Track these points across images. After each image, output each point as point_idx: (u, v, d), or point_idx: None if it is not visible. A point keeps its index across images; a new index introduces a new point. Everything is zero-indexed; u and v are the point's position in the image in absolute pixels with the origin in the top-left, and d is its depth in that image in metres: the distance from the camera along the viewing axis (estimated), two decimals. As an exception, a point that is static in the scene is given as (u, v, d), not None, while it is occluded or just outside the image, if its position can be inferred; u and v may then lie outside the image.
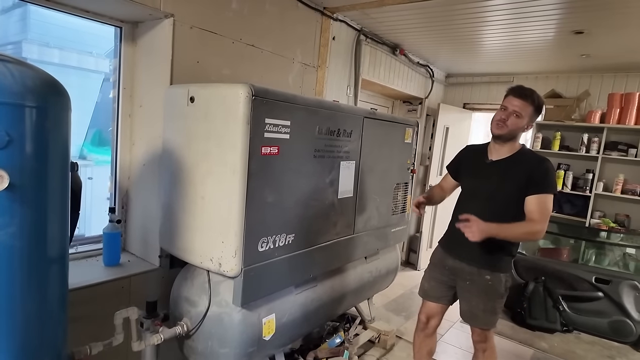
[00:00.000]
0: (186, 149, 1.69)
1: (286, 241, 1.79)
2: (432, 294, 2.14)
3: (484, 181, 1.97)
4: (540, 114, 1.90)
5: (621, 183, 3.83)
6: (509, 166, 1.89)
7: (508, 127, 1.85)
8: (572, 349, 3.11)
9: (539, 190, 1.80)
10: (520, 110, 1.83)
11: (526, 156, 1.90)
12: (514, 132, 1.87)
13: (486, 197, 1.94)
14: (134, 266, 2.07)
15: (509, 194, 1.86)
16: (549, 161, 1.88)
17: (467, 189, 2.08)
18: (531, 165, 1.84)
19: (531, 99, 1.84)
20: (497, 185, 1.90)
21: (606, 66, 3.87)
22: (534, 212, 1.79)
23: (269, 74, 2.53)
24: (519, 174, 1.85)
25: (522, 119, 1.84)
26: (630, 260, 3.68)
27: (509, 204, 1.86)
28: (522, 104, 1.83)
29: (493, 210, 1.89)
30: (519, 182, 1.83)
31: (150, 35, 2.06)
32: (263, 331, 1.76)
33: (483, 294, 1.94)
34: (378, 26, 3.29)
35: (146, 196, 2.13)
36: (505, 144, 1.92)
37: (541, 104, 1.88)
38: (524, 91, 1.86)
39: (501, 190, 1.89)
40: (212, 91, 1.61)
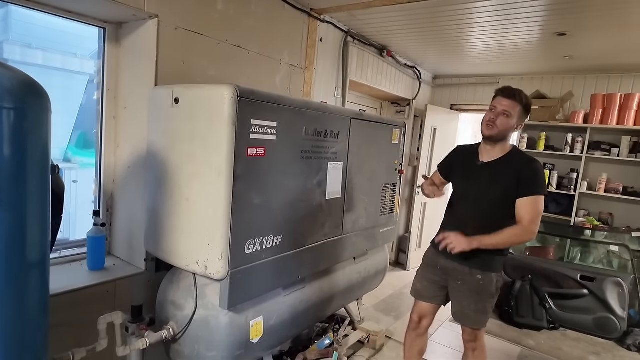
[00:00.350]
0: (171, 151, 1.68)
1: (274, 243, 1.78)
2: (425, 294, 2.14)
3: (475, 183, 1.97)
4: (528, 113, 1.92)
5: (604, 182, 3.91)
6: (499, 168, 1.91)
7: (498, 128, 1.87)
8: (559, 345, 3.15)
9: (529, 191, 1.81)
10: (509, 109, 1.85)
11: (516, 157, 1.91)
12: (504, 132, 1.89)
13: (477, 199, 1.95)
14: (119, 270, 2.04)
15: (500, 196, 1.87)
16: (539, 162, 1.89)
17: (459, 191, 2.08)
18: (521, 167, 1.86)
19: (519, 99, 1.86)
20: (488, 187, 1.91)
21: (589, 67, 3.94)
22: (525, 215, 1.81)
23: (256, 75, 2.52)
24: (509, 176, 1.86)
25: (512, 118, 1.86)
26: (613, 258, 3.75)
27: (499, 205, 1.88)
28: (510, 104, 1.85)
29: (484, 211, 1.91)
30: (509, 183, 1.85)
31: (134, 36, 2.04)
32: (251, 334, 1.75)
33: (474, 294, 1.95)
34: (365, 28, 3.30)
35: (131, 199, 2.10)
36: (496, 145, 1.93)
37: (529, 103, 1.90)
38: (512, 91, 1.88)
39: (492, 192, 1.90)
40: (196, 92, 1.59)
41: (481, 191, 1.93)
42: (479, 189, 1.94)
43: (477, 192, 1.95)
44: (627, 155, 3.79)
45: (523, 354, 2.99)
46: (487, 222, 1.88)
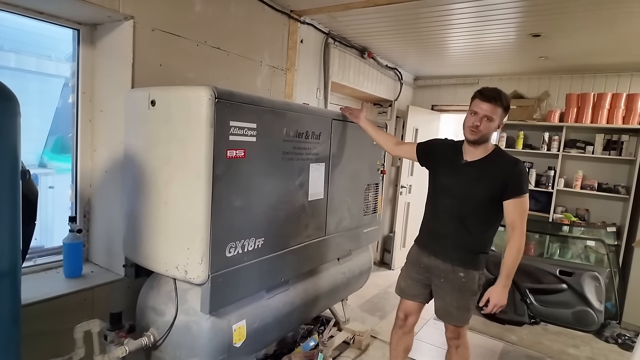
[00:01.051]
0: (148, 154, 1.65)
1: (255, 245, 1.76)
2: (409, 292, 2.15)
3: (459, 181, 1.97)
4: (508, 112, 1.94)
5: (580, 179, 4.02)
6: (483, 168, 1.92)
7: (481, 132, 1.87)
8: (540, 340, 3.22)
9: (516, 193, 1.84)
10: (490, 113, 1.84)
11: (500, 158, 1.93)
12: (487, 135, 1.91)
13: (461, 197, 1.95)
14: (97, 277, 2.00)
15: (483, 195, 1.89)
16: (522, 162, 1.92)
17: (441, 188, 2.06)
18: (506, 168, 1.88)
19: (500, 101, 1.86)
20: (472, 186, 1.92)
21: (563, 68, 4.06)
22: (516, 219, 1.85)
23: (236, 76, 2.50)
24: (493, 177, 1.88)
25: (494, 121, 1.86)
26: (590, 253, 3.86)
27: (481, 203, 1.90)
28: (491, 108, 1.84)
29: (466, 209, 1.93)
30: (493, 184, 1.87)
31: (110, 37, 2.00)
32: (234, 338, 1.73)
33: (457, 292, 1.97)
34: (346, 29, 3.32)
35: (109, 204, 2.05)
36: (479, 146, 1.94)
37: (508, 102, 1.92)
38: (491, 94, 1.86)
39: (476, 191, 1.91)
40: (173, 94, 1.57)
41: (465, 189, 1.94)
42: (463, 187, 1.95)
43: (460, 190, 1.96)
44: (601, 153, 3.91)
45: (506, 350, 3.04)
46: (469, 220, 1.92)
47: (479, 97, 1.88)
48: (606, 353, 3.08)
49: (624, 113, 3.75)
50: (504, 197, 1.85)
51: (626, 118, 3.74)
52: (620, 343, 3.18)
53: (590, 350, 3.10)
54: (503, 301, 1.88)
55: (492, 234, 1.99)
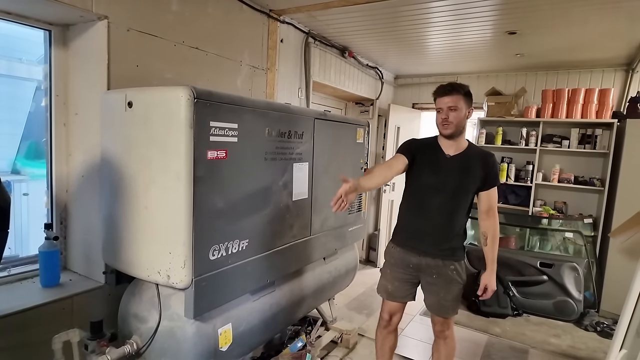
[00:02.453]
0: (126, 157, 1.60)
1: (240, 247, 1.74)
2: (398, 294, 2.12)
3: (448, 177, 1.97)
4: (471, 97, 1.97)
5: (557, 173, 4.13)
6: (466, 161, 1.99)
7: (454, 123, 1.92)
8: (522, 331, 3.29)
9: (493, 184, 2.00)
10: (453, 103, 1.91)
11: (476, 150, 2.04)
12: (459, 126, 1.95)
13: (451, 192, 1.97)
14: (76, 285, 1.94)
15: (470, 188, 1.99)
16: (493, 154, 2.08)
17: (429, 186, 2.02)
18: (484, 161, 1.99)
19: (456, 90, 1.93)
20: (460, 180, 1.98)
21: (538, 64, 4.16)
22: (493, 205, 2.00)
23: (216, 77, 2.47)
24: (476, 169, 1.97)
25: (460, 110, 1.92)
26: (569, 244, 3.96)
27: (467, 196, 2.01)
28: (451, 98, 1.92)
29: (456, 203, 2.00)
30: (476, 176, 1.97)
31: (83, 38, 1.94)
32: (219, 342, 1.70)
33: (450, 284, 2.02)
34: (326, 29, 3.32)
35: (87, 210, 1.99)
36: (457, 139, 1.99)
37: (466, 89, 1.96)
38: (445, 87, 1.96)
39: (464, 185, 1.99)
40: (151, 95, 1.54)
41: (455, 184, 1.97)
42: (453, 182, 1.97)
43: (451, 185, 1.97)
44: (577, 147, 4.03)
45: (490, 342, 3.09)
46: (457, 213, 2.01)
47: (437, 94, 1.99)
48: (586, 341, 3.17)
49: (597, 108, 3.87)
50: (483, 187, 1.99)
51: (599, 112, 3.86)
52: (599, 331, 3.28)
53: (570, 339, 3.19)
54: (495, 285, 2.06)
55: (465, 224, 2.10)
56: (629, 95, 3.87)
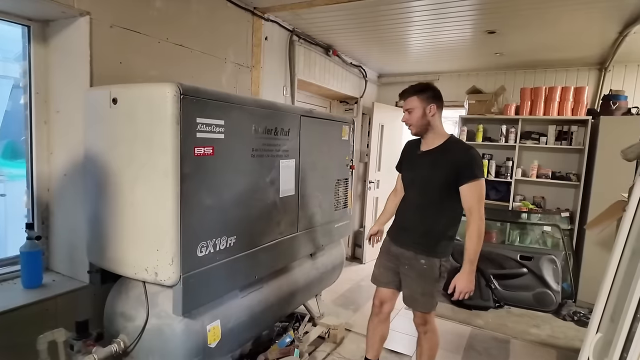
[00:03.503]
0: (111, 154, 1.59)
1: (227, 244, 1.74)
2: (381, 280, 2.23)
3: (417, 171, 2.11)
4: (428, 94, 2.00)
5: (536, 168, 4.25)
6: (437, 155, 2.03)
7: (413, 124, 2.03)
8: (504, 322, 3.39)
9: (470, 177, 1.90)
10: (408, 106, 2.02)
11: (453, 145, 2.03)
12: (420, 124, 2.02)
13: (419, 186, 2.08)
14: (59, 286, 1.90)
15: (438, 182, 1.99)
16: (475, 149, 2.01)
17: (405, 180, 2.20)
18: (458, 155, 1.97)
19: (410, 92, 2.02)
20: (428, 174, 2.03)
21: (517, 63, 4.28)
22: (472, 203, 1.90)
23: (200, 74, 2.45)
24: (446, 163, 1.97)
25: (415, 110, 2.00)
26: (547, 237, 4.10)
27: (438, 190, 2.00)
28: (407, 101, 2.03)
29: (426, 196, 2.04)
30: (446, 170, 1.96)
31: (64, 34, 1.91)
32: (208, 339, 1.70)
33: (420, 278, 2.05)
34: (310, 27, 3.34)
35: (70, 208, 1.96)
36: (427, 135, 2.06)
37: (420, 88, 2.02)
38: (404, 91, 2.06)
39: (431, 179, 2.02)
40: (136, 91, 1.53)
41: (423, 178, 2.06)
42: (421, 176, 2.07)
43: (420, 180, 2.08)
44: (554, 143, 4.16)
45: (473, 333, 3.17)
46: (428, 208, 2.04)
47: (400, 99, 2.09)
48: (564, 330, 3.28)
49: (573, 105, 4.00)
50: (459, 182, 1.92)
51: (575, 110, 3.99)
52: (576, 320, 3.40)
53: (550, 329, 3.30)
54: (469, 287, 1.91)
55: (452, 222, 2.05)
56: (602, 93, 4.03)
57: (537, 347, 3.00)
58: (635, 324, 1.17)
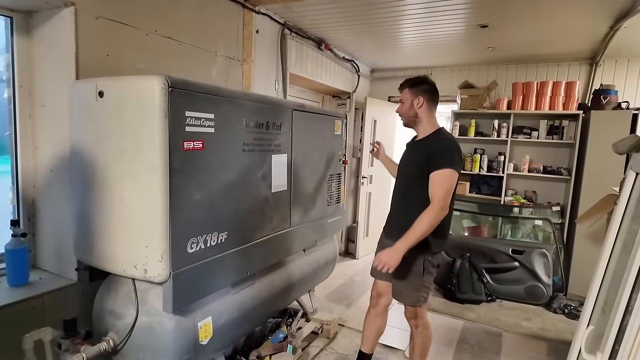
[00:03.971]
0: (98, 149, 1.55)
1: (218, 240, 1.72)
2: (376, 272, 2.18)
3: (403, 163, 2.19)
4: (418, 87, 2.06)
5: (527, 163, 4.28)
6: (417, 147, 2.09)
7: (401, 114, 2.13)
8: (496, 316, 3.41)
9: (437, 166, 1.87)
10: (401, 98, 2.12)
11: (435, 137, 2.04)
12: (407, 115, 2.09)
13: (402, 178, 2.16)
14: (47, 283, 1.86)
15: (413, 173, 2.02)
16: (453, 141, 1.99)
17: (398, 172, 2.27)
18: (432, 145, 1.99)
19: (404, 84, 2.11)
20: (408, 165, 2.10)
21: (509, 58, 4.29)
22: (435, 192, 1.87)
23: (190, 67, 2.41)
24: (421, 154, 2.00)
25: (405, 102, 2.09)
26: (538, 231, 4.13)
27: (415, 182, 1.99)
28: (402, 94, 2.12)
29: (405, 189, 2.10)
30: (421, 160, 1.97)
31: (48, 26, 1.85)
32: (200, 335, 1.68)
33: (403, 271, 2.03)
34: (302, 20, 3.30)
35: (57, 205, 1.92)
36: (416, 129, 2.12)
37: (414, 81, 2.09)
38: (400, 84, 2.15)
39: (410, 170, 2.06)
40: (123, 84, 1.49)
41: (403, 169, 2.15)
42: (403, 167, 2.16)
43: (402, 171, 2.17)
44: (545, 137, 4.18)
45: (466, 327, 3.19)
46: (408, 199, 2.06)
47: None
48: (555, 323, 3.32)
49: (564, 100, 4.02)
50: (428, 171, 1.90)
51: (566, 104, 4.02)
52: (566, 313, 3.44)
53: (541, 322, 3.33)
54: (391, 263, 1.84)
55: None
56: (593, 88, 4.05)
57: (529, 340, 3.03)
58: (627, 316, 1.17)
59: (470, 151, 4.64)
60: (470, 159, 4.55)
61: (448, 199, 1.88)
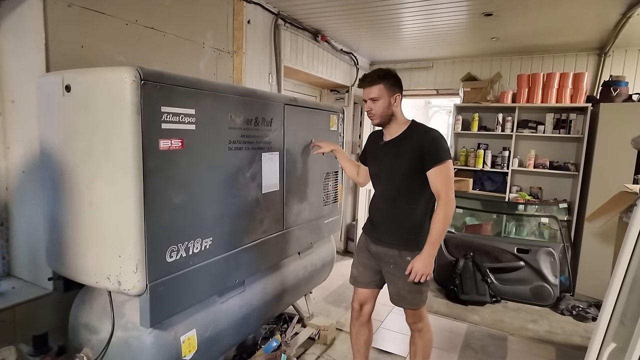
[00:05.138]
0: (66, 148, 1.41)
1: (202, 247, 1.58)
2: (361, 280, 2.11)
3: (381, 163, 2.00)
4: (396, 81, 1.88)
5: (533, 158, 4.12)
6: (399, 144, 1.92)
7: (376, 114, 1.89)
8: (501, 318, 3.28)
9: (435, 161, 1.79)
10: (373, 95, 1.86)
11: (415, 130, 1.91)
12: (384, 114, 1.89)
13: (386, 178, 1.97)
14: (19, 293, 1.73)
15: (404, 170, 1.87)
16: (437, 130, 1.90)
17: (372, 173, 2.10)
18: (420, 139, 1.85)
19: (374, 79, 1.85)
20: (392, 164, 1.92)
21: (514, 49, 4.11)
22: (440, 187, 1.80)
23: (175, 60, 2.26)
24: (409, 150, 1.86)
25: (380, 99, 1.85)
26: (544, 229, 3.98)
27: (405, 181, 1.89)
28: (372, 89, 1.86)
29: (395, 187, 1.93)
30: (410, 157, 1.85)
31: (16, 15, 1.71)
32: (183, 350, 1.55)
33: (407, 276, 1.90)
34: (296, 10, 3.14)
35: (30, 209, 1.78)
36: (389, 125, 1.94)
37: (389, 75, 1.86)
38: (367, 78, 1.87)
39: (397, 169, 1.90)
40: (91, 77, 1.34)
41: (388, 168, 1.95)
42: (386, 168, 1.97)
43: (385, 171, 1.98)
44: (552, 132, 4.02)
45: (469, 331, 3.06)
46: (399, 199, 1.92)
47: (360, 86, 1.93)
48: (562, 325, 3.18)
49: (572, 92, 3.86)
50: (424, 167, 1.82)
51: (573, 97, 3.85)
52: (574, 315, 3.30)
53: (548, 324, 3.19)
54: (426, 269, 1.81)
55: (428, 211, 1.92)
56: (602, 79, 3.89)
57: (535, 344, 2.90)
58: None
59: (474, 146, 4.48)
60: (473, 154, 4.39)
61: (453, 190, 1.82)
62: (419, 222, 1.90)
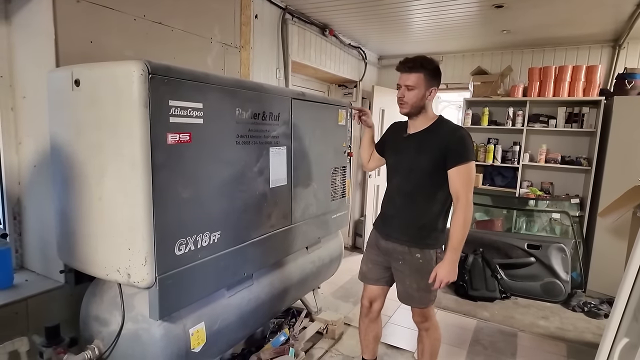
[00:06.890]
0: (76, 143, 1.42)
1: (211, 240, 1.59)
2: (371, 276, 2.09)
3: (402, 155, 1.94)
4: (436, 74, 1.83)
5: (544, 153, 4.06)
6: (424, 138, 1.86)
7: (408, 103, 1.83)
8: (511, 314, 3.25)
9: (458, 160, 1.74)
10: (411, 83, 1.79)
11: (441, 127, 1.86)
12: (416, 105, 1.83)
13: (406, 171, 1.91)
14: (32, 286, 1.76)
15: (427, 165, 1.82)
16: (464, 129, 1.84)
17: (390, 165, 2.04)
18: (446, 136, 1.80)
19: (416, 67, 1.78)
20: (414, 158, 1.86)
21: (525, 42, 4.04)
22: (459, 188, 1.75)
23: (183, 55, 2.27)
24: (434, 146, 1.81)
25: (417, 89, 1.79)
26: (556, 225, 3.93)
27: (427, 174, 1.83)
28: (408, 76, 1.80)
29: (413, 181, 1.88)
30: (434, 153, 1.80)
31: (26, 11, 1.73)
32: (191, 343, 1.56)
33: (416, 273, 1.90)
34: (304, 4, 3.12)
35: (42, 203, 1.81)
36: (417, 117, 1.88)
37: (431, 65, 1.81)
38: (408, 63, 1.80)
39: (419, 162, 1.85)
40: (99, 71, 1.35)
41: (409, 162, 1.89)
42: (406, 161, 1.90)
43: (404, 165, 1.91)
44: (564, 126, 3.96)
45: (479, 327, 3.04)
46: (417, 195, 1.87)
47: (399, 70, 1.84)
48: (574, 322, 3.14)
49: (584, 85, 3.78)
50: (446, 166, 1.76)
51: (586, 90, 3.78)
52: (586, 311, 3.26)
53: (559, 321, 3.16)
54: (451, 276, 1.77)
55: (444, 211, 1.88)
56: (616, 72, 3.80)
57: (546, 340, 2.86)
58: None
59: (484, 141, 4.43)
60: (483, 149, 4.34)
61: (472, 193, 1.77)
62: (433, 220, 1.87)
